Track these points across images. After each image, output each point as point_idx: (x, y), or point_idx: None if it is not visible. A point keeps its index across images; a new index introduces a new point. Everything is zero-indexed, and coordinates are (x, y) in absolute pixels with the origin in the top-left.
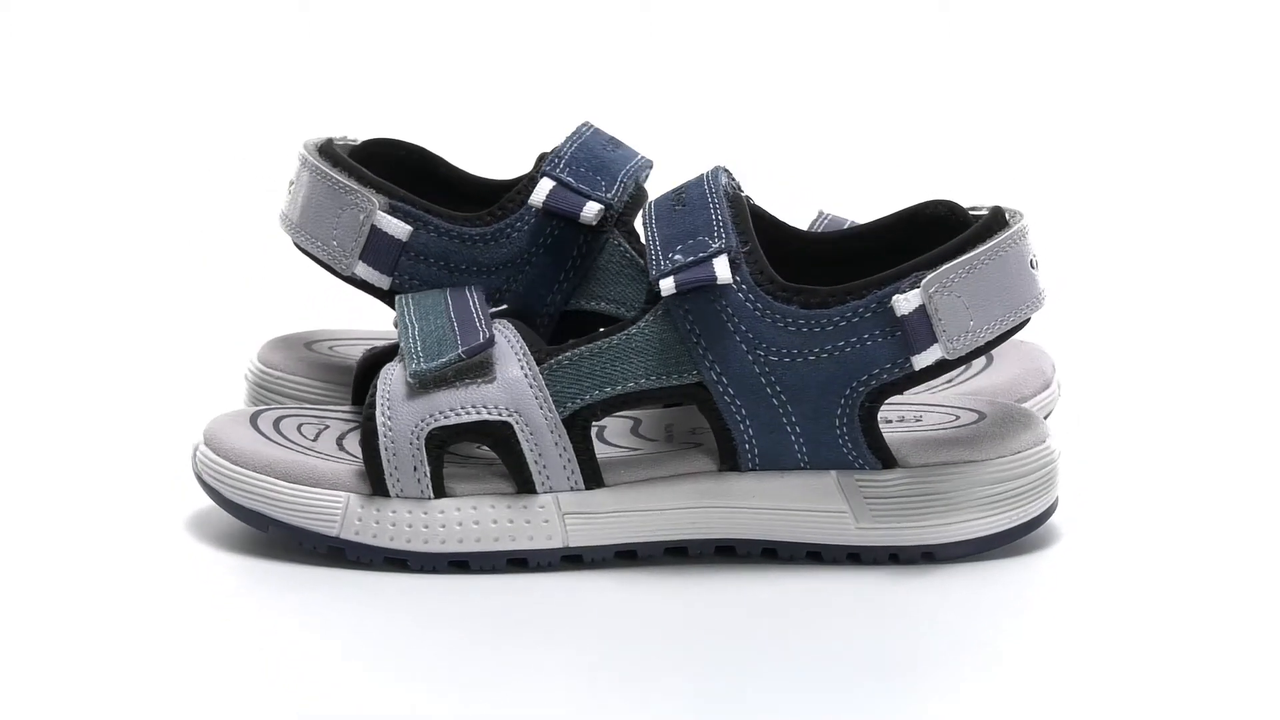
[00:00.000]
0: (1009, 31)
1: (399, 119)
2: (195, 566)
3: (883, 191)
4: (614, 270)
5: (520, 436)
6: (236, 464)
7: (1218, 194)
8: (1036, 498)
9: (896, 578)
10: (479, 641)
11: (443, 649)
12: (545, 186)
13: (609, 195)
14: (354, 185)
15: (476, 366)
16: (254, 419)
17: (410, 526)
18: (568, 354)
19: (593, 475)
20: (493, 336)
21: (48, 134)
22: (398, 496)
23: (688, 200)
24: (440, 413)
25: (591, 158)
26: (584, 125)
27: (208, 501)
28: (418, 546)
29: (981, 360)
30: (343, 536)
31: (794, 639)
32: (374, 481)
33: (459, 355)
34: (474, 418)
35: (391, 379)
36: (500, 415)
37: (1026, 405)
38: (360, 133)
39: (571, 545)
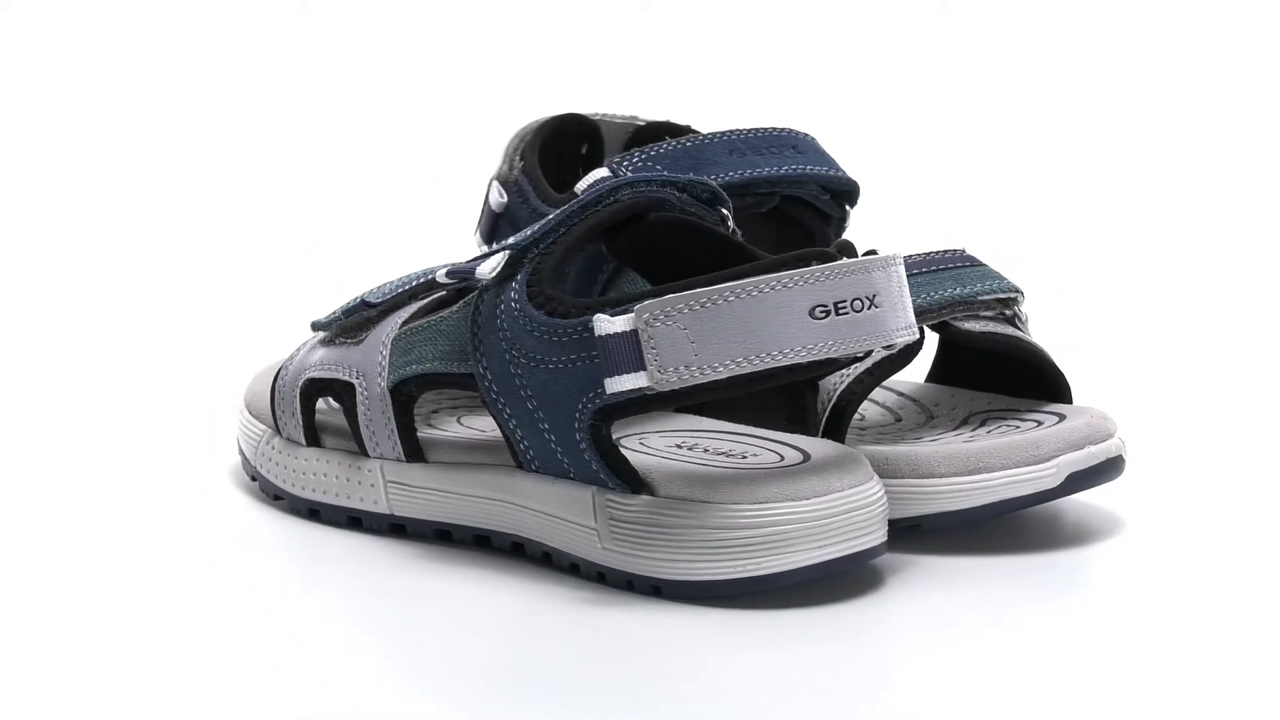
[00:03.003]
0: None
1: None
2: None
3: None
4: None
5: (359, 399)
6: (244, 397)
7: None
8: (773, 553)
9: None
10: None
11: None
12: (593, 175)
13: None
14: (503, 156)
15: (355, 327)
16: None
17: (285, 468)
18: (408, 326)
19: (413, 449)
20: (368, 302)
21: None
22: (286, 439)
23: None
24: (315, 365)
25: (687, 157)
26: (743, 129)
27: None
28: (288, 488)
29: (1051, 417)
30: (256, 465)
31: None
32: (274, 420)
33: (338, 315)
34: (331, 375)
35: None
36: (349, 377)
37: (1011, 471)
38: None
39: (394, 514)
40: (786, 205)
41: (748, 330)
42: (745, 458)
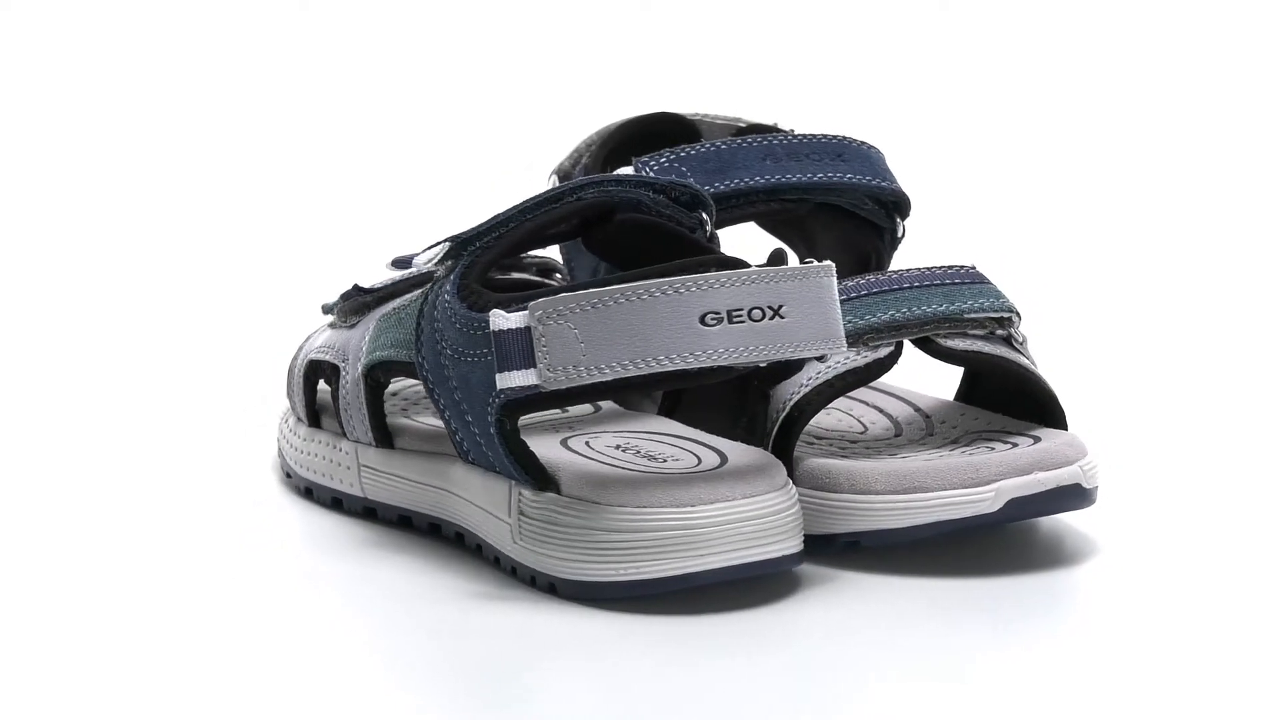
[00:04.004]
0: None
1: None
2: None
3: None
4: None
5: (340, 382)
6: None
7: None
8: (652, 559)
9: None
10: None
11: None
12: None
13: None
14: (571, 150)
15: (353, 312)
16: None
17: (292, 445)
18: (385, 309)
19: (383, 434)
20: (360, 287)
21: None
22: (297, 418)
23: None
24: (316, 348)
25: (717, 160)
26: (790, 134)
27: None
28: (294, 465)
29: (1028, 440)
30: (279, 443)
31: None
32: (290, 400)
33: (338, 300)
34: (324, 357)
35: None
36: (337, 360)
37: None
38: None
39: (367, 497)
40: (823, 213)
41: (635, 334)
42: (665, 461)
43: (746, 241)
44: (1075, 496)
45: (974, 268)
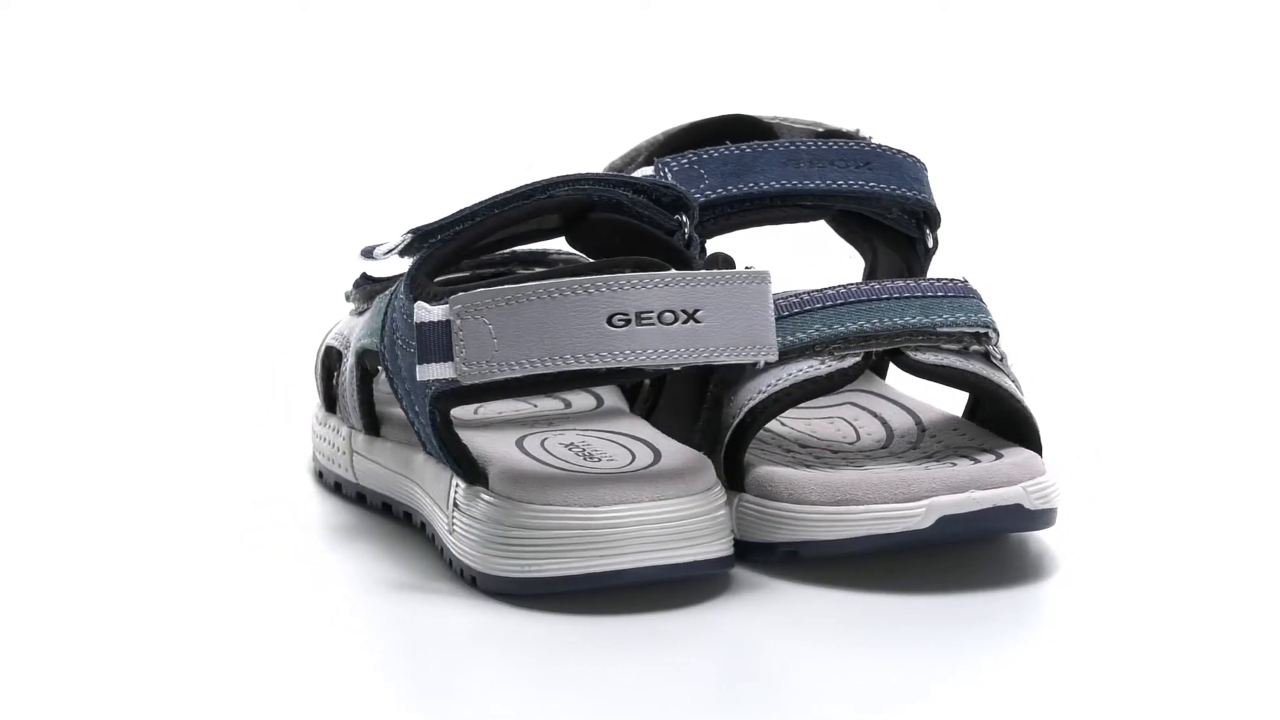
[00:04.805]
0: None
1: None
2: None
3: None
4: None
5: (342, 367)
6: None
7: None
8: (563, 557)
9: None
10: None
11: None
12: (638, 174)
13: None
14: (630, 148)
15: (366, 299)
16: None
17: (315, 432)
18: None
19: (371, 421)
20: (368, 276)
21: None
22: (320, 403)
23: None
24: (332, 334)
25: (735, 163)
26: (817, 140)
27: None
28: (315, 453)
29: (991, 456)
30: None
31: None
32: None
33: (351, 288)
34: (334, 344)
35: None
36: (341, 346)
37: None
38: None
39: (359, 483)
40: (845, 220)
41: (544, 331)
42: (600, 460)
43: (820, 244)
44: (1016, 517)
45: (964, 281)
